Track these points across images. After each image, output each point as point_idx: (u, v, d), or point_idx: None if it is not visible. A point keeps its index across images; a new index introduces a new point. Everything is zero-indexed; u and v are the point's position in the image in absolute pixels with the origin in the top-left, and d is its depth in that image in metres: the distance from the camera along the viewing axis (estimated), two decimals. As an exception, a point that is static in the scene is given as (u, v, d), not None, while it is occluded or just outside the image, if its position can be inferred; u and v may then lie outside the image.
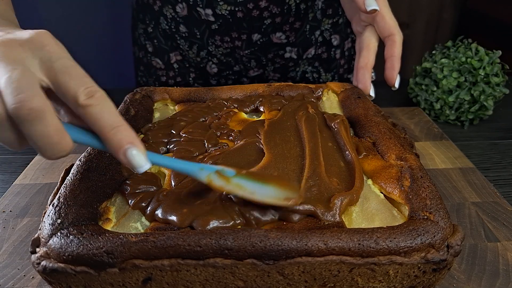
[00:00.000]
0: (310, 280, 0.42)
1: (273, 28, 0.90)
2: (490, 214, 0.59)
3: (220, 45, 0.92)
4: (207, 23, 0.89)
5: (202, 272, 0.41)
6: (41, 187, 0.67)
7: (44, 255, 0.41)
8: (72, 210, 0.43)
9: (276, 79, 1.01)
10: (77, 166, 0.50)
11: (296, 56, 0.96)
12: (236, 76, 1.00)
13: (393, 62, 0.71)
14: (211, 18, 0.88)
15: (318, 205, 0.45)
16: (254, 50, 0.93)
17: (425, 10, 2.10)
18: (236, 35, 0.90)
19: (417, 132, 0.83)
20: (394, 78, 0.71)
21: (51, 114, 0.37)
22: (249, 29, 0.89)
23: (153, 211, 0.45)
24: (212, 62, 0.96)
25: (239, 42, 0.91)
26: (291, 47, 0.94)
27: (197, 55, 0.95)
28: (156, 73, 1.02)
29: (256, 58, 0.95)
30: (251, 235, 0.41)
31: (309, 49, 0.97)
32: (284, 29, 0.91)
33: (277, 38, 0.91)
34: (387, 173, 0.50)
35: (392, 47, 0.71)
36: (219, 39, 0.91)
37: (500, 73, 0.85)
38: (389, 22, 0.70)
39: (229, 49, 0.93)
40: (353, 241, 0.40)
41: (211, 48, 0.93)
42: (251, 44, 0.92)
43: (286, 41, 0.93)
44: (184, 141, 0.58)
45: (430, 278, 0.43)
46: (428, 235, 0.41)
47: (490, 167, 0.74)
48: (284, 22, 0.90)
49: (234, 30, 0.89)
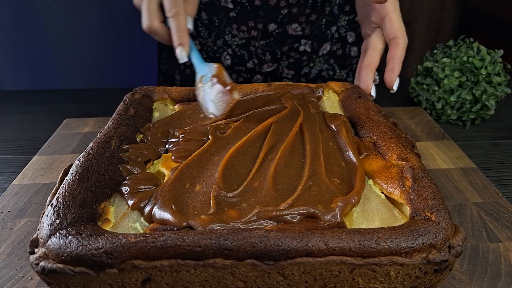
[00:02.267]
0: (311, 281, 0.42)
1: (289, 18, 0.92)
2: (492, 215, 0.59)
3: (236, 35, 0.94)
4: (225, 10, 0.92)
5: (202, 273, 0.41)
6: (39, 187, 0.66)
7: (42, 255, 0.41)
8: (71, 211, 0.43)
9: (289, 77, 1.01)
10: (76, 166, 0.50)
11: (310, 50, 0.97)
12: (248, 75, 1.01)
13: (393, 65, 0.72)
14: (230, 5, 0.91)
15: (318, 205, 0.45)
16: (269, 41, 0.94)
17: (427, 9, 2.09)
18: (253, 24, 0.92)
19: (418, 132, 0.82)
20: (393, 80, 0.72)
21: (162, 30, 0.68)
22: (265, 18, 0.91)
23: (151, 211, 0.45)
24: (227, 53, 0.98)
25: (255, 31, 0.93)
26: (306, 40, 0.96)
27: (214, 44, 0.97)
28: (177, 61, 1.05)
29: (271, 50, 0.96)
30: (251, 235, 0.40)
31: (324, 44, 0.98)
32: (300, 21, 0.92)
33: (292, 29, 0.93)
34: (388, 173, 0.50)
35: (395, 49, 0.72)
36: (236, 27, 0.93)
37: (502, 73, 0.84)
38: (396, 25, 0.72)
39: (245, 40, 0.95)
40: (354, 242, 0.40)
41: (228, 38, 0.95)
42: (266, 35, 0.93)
43: (302, 33, 0.94)
44: (183, 141, 0.58)
45: (432, 279, 0.43)
46: (430, 235, 0.41)
47: (492, 167, 0.74)
48: (300, 13, 0.91)
49: (251, 19, 0.91)
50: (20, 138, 0.86)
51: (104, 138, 0.56)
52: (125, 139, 0.58)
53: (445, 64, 0.85)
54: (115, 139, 0.57)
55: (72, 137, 0.82)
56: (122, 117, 0.63)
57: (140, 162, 0.54)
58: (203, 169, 0.52)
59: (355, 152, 0.54)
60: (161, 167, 0.54)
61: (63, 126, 0.87)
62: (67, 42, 1.84)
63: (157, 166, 0.55)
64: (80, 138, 0.82)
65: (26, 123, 0.93)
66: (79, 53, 1.87)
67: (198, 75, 0.66)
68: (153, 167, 0.55)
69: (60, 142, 0.81)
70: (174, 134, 0.60)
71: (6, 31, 1.79)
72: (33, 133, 0.88)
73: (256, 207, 0.45)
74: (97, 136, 0.57)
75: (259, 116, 0.63)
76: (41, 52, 1.86)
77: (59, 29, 1.81)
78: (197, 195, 0.48)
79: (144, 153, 0.55)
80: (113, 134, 0.58)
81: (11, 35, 1.80)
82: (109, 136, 0.57)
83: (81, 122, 0.88)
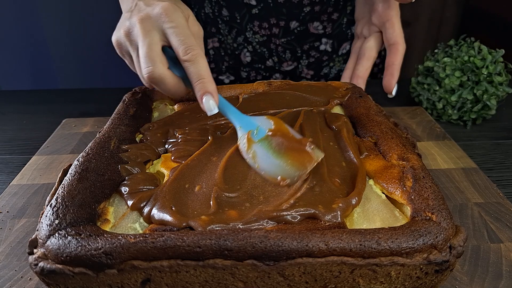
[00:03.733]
0: (311, 281, 0.41)
1: (311, 16, 0.92)
2: (493, 215, 0.59)
3: (257, 32, 0.94)
4: (248, 7, 0.92)
5: (201, 273, 0.40)
6: (38, 188, 0.66)
7: (41, 256, 0.41)
8: (70, 211, 0.43)
9: (308, 78, 1.02)
10: (75, 167, 0.50)
11: (330, 49, 0.97)
12: (267, 73, 1.01)
13: (393, 70, 0.74)
14: (253, 2, 0.91)
15: (318, 206, 0.45)
16: (290, 39, 0.95)
17: (427, 8, 2.09)
18: (275, 21, 0.92)
19: (419, 132, 0.82)
20: (392, 85, 0.75)
21: (169, 76, 0.56)
22: (288, 15, 0.91)
23: (149, 212, 0.45)
24: (247, 50, 0.98)
25: (276, 29, 0.93)
26: (327, 39, 0.96)
27: (235, 41, 0.97)
28: None
29: (291, 49, 0.96)
30: (251, 235, 0.40)
31: (344, 44, 0.98)
32: (322, 19, 0.93)
33: (314, 28, 0.93)
34: (389, 173, 0.50)
35: (395, 55, 0.75)
36: (258, 24, 0.93)
37: (503, 72, 0.84)
38: (397, 31, 0.75)
39: (266, 37, 0.95)
40: (355, 242, 0.40)
41: (249, 34, 0.95)
42: (288, 32, 0.94)
43: (323, 31, 0.95)
44: (182, 141, 0.58)
45: (433, 279, 0.42)
46: (431, 236, 0.41)
47: (493, 167, 0.73)
48: (323, 12, 0.92)
49: (273, 16, 0.91)
50: (19, 138, 0.86)
51: (104, 138, 0.56)
52: (124, 139, 0.58)
53: (446, 64, 0.85)
54: (114, 139, 0.56)
55: (71, 137, 0.82)
56: (122, 117, 0.63)
57: (140, 162, 0.54)
58: (202, 169, 0.51)
59: (356, 152, 0.54)
60: (160, 167, 0.54)
61: (62, 126, 0.87)
62: (66, 42, 1.84)
63: (156, 166, 0.55)
64: (79, 138, 0.81)
65: (25, 123, 0.92)
66: (78, 52, 1.87)
67: (241, 130, 0.54)
68: (152, 167, 0.55)
69: (59, 142, 0.80)
70: (173, 134, 0.60)
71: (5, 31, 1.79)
72: (32, 133, 0.88)
73: (257, 207, 0.45)
74: (96, 136, 0.57)
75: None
76: (40, 52, 1.86)
77: (58, 29, 1.81)
78: (197, 195, 0.47)
79: (143, 153, 0.55)
80: (113, 134, 0.58)
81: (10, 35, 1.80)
82: (108, 136, 0.57)
83: (80, 122, 0.88)
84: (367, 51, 0.78)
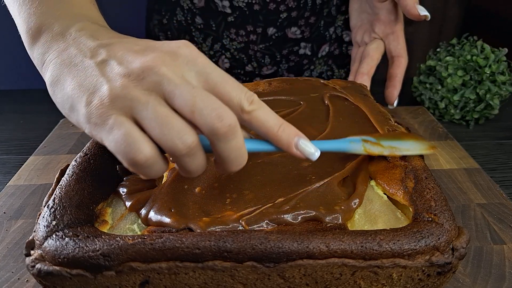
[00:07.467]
0: (312, 283, 0.41)
1: (288, 22, 0.91)
2: (496, 216, 0.58)
3: (234, 39, 0.93)
4: (223, 15, 0.90)
5: (200, 275, 0.40)
6: (35, 188, 0.66)
7: (38, 257, 0.40)
8: (67, 212, 0.43)
9: None
10: (73, 167, 0.49)
11: (310, 53, 0.97)
12: (247, 78, 1.00)
13: (395, 82, 0.75)
14: (228, 10, 0.89)
15: (320, 208, 0.44)
16: (268, 45, 0.94)
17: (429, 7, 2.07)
18: (252, 29, 0.91)
19: (421, 132, 0.81)
20: (394, 97, 0.76)
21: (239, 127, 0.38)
22: (264, 22, 0.90)
23: (148, 213, 0.44)
24: (225, 57, 0.97)
25: (254, 36, 0.92)
26: (306, 43, 0.95)
27: (211, 48, 0.96)
28: None
29: (270, 54, 0.95)
30: (251, 237, 0.40)
31: (323, 46, 0.97)
32: (300, 24, 0.92)
33: (292, 33, 0.92)
34: (391, 173, 0.49)
35: (399, 67, 0.75)
36: (234, 32, 0.92)
37: (506, 72, 0.83)
38: (402, 44, 0.76)
39: (243, 44, 0.94)
40: (356, 243, 0.39)
41: (226, 42, 0.94)
42: (266, 39, 0.93)
43: (301, 36, 0.94)
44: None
45: (435, 281, 0.42)
46: (433, 237, 0.40)
47: (496, 167, 0.73)
48: (300, 17, 0.91)
49: (250, 23, 0.90)
50: (16, 138, 0.86)
51: (102, 138, 0.56)
52: (123, 139, 0.57)
53: (448, 63, 0.84)
54: (113, 139, 0.56)
55: (69, 137, 0.82)
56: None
57: (139, 162, 0.53)
58: (202, 169, 0.51)
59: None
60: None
61: (60, 125, 0.86)
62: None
63: (156, 166, 0.54)
64: (77, 138, 0.81)
65: (22, 123, 0.92)
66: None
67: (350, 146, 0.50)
68: (151, 167, 0.54)
69: (57, 142, 0.80)
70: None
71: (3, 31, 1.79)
72: (29, 133, 0.87)
73: (258, 209, 0.44)
74: (95, 136, 0.57)
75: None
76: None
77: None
78: (197, 196, 0.47)
79: (142, 153, 0.55)
80: (112, 133, 0.57)
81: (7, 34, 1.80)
82: (107, 136, 0.56)
83: (80, 121, 0.87)
84: (371, 52, 0.77)
